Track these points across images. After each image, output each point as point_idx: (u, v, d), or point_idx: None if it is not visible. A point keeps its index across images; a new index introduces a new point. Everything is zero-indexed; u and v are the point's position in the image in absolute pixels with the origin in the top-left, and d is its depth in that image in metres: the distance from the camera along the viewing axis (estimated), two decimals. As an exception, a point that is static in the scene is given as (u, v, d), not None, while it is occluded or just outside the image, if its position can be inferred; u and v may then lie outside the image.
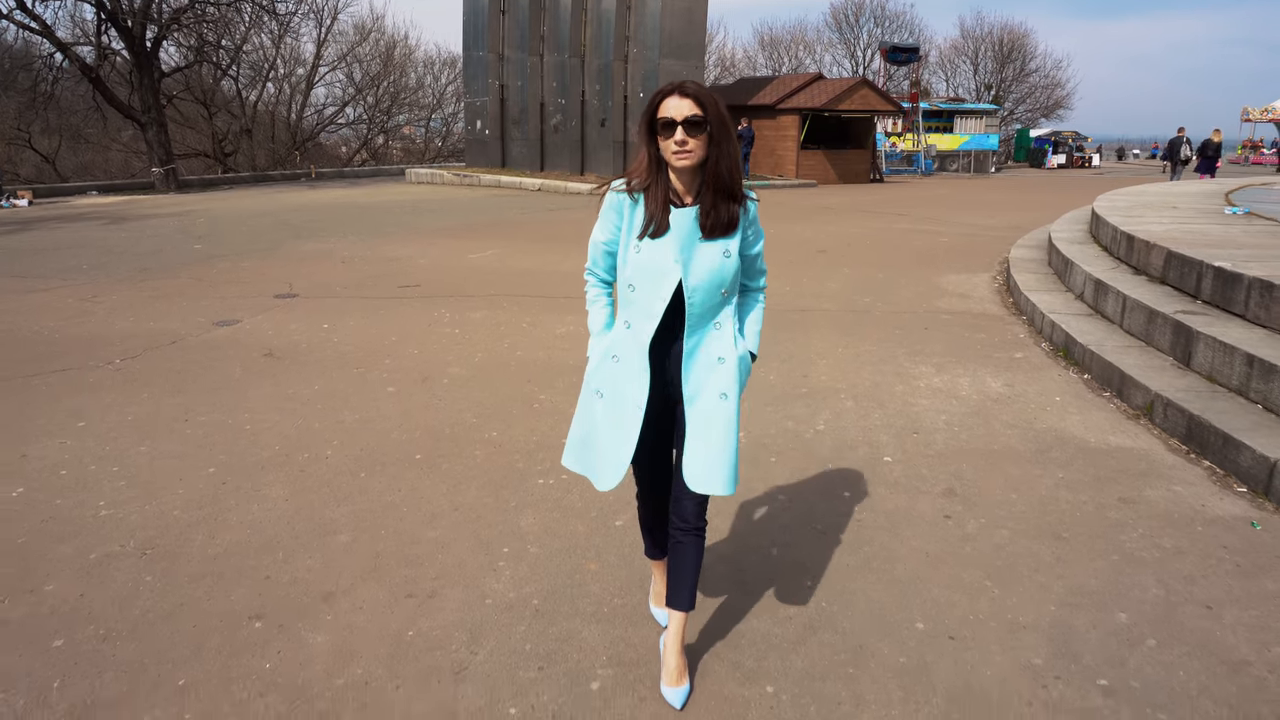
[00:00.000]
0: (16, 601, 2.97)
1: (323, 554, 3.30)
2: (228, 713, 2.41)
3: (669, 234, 2.22)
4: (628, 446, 2.30)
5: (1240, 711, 2.43)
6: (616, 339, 2.35)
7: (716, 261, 2.25)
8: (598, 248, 2.38)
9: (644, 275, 2.25)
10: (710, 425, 2.30)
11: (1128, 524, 3.57)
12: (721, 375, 2.31)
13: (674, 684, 2.47)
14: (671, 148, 2.16)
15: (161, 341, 6.49)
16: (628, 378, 2.31)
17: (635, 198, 2.26)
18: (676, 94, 2.16)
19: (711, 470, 2.29)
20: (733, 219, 2.24)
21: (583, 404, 2.42)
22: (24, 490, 3.87)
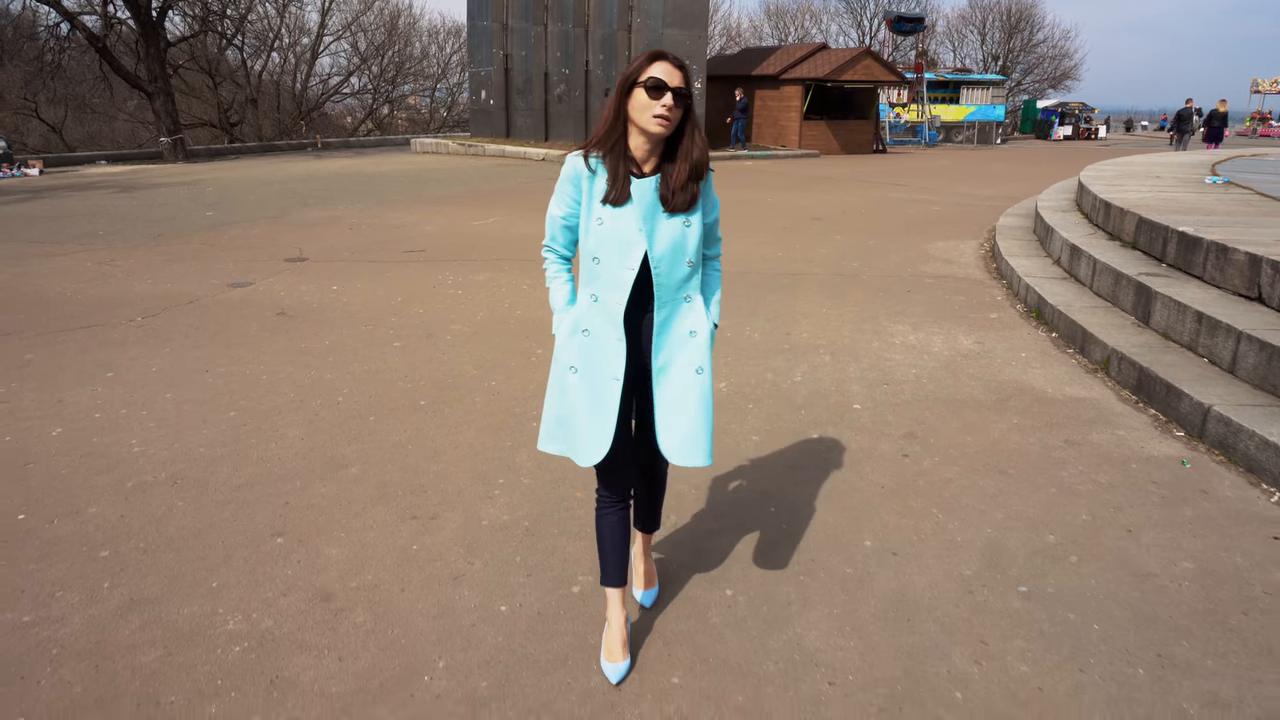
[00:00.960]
0: (65, 521, 3.34)
1: (336, 484, 3.66)
2: (255, 607, 2.78)
3: (630, 204, 2.20)
4: (609, 420, 2.27)
5: (1139, 612, 2.78)
6: (584, 313, 2.31)
7: (678, 231, 2.24)
8: (555, 223, 2.35)
9: (608, 246, 2.22)
10: (687, 399, 2.31)
11: (1069, 462, 3.90)
12: (694, 349, 2.32)
13: (645, 586, 2.79)
14: (656, 109, 2.12)
15: (179, 301, 6.83)
16: (601, 351, 2.28)
17: (593, 167, 2.23)
18: (667, 61, 2.15)
19: (693, 444, 2.31)
20: (693, 197, 2.25)
21: (555, 383, 2.37)
22: (63, 430, 4.23)
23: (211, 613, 2.76)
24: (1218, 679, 2.47)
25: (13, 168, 18.73)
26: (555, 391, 2.37)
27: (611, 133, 2.20)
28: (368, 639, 2.63)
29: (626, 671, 2.46)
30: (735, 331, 5.98)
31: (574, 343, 2.30)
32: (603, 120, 2.22)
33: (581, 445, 2.31)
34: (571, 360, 2.31)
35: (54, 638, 2.63)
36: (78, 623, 2.70)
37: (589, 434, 2.29)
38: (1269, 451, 3.66)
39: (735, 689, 2.42)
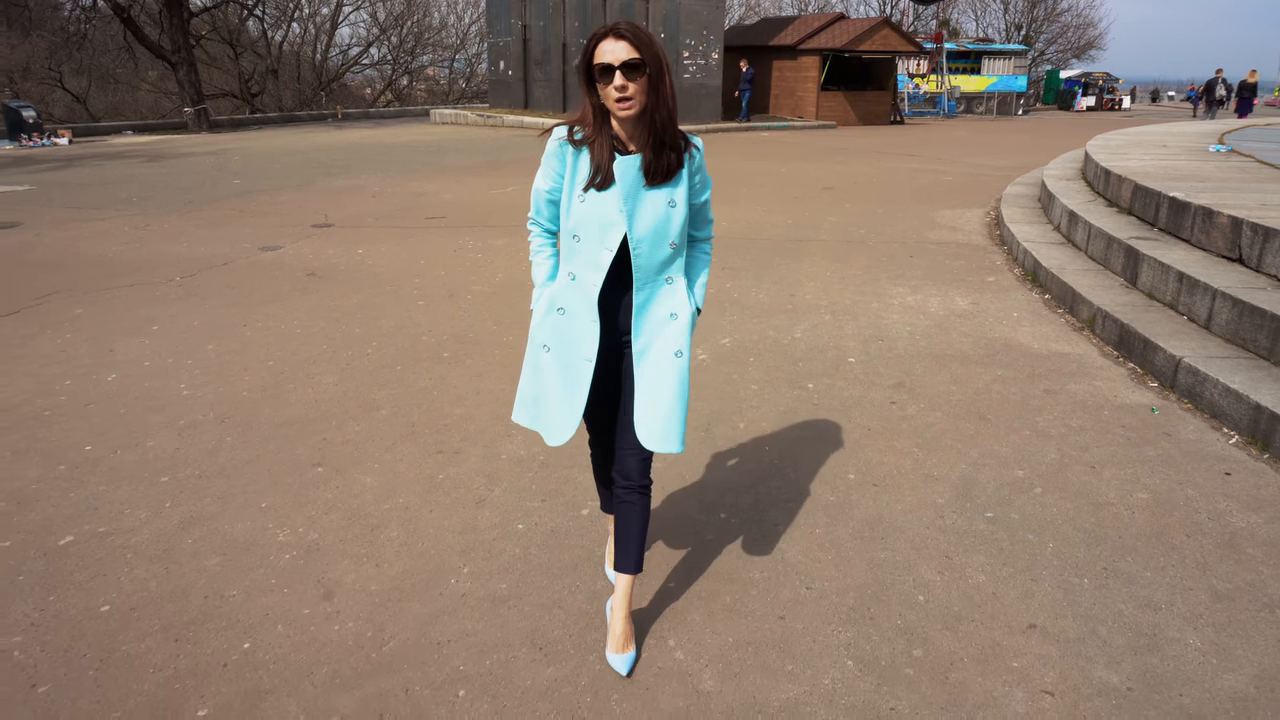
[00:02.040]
0: (127, 452, 3.71)
1: (368, 423, 4.01)
2: (299, 522, 3.14)
3: (614, 185, 2.14)
4: (578, 401, 2.24)
5: (1092, 534, 3.09)
6: (560, 291, 2.26)
7: (661, 211, 2.18)
8: (540, 196, 2.28)
9: (588, 226, 2.17)
10: (662, 383, 2.25)
11: (1046, 409, 4.20)
12: (674, 332, 2.26)
13: (620, 650, 2.39)
14: (613, 95, 2.06)
15: (214, 263, 7.19)
16: (576, 330, 2.24)
17: (578, 143, 2.18)
18: (610, 37, 2.05)
19: (666, 429, 2.25)
20: (671, 166, 2.17)
21: (529, 359, 2.35)
22: (116, 377, 4.60)
23: (262, 528, 3.12)
24: (1153, 587, 2.77)
25: (43, 137, 19.16)
26: (529, 368, 2.35)
27: (592, 121, 2.15)
28: (401, 550, 2.98)
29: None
30: (742, 293, 6.27)
31: (549, 321, 2.27)
32: (583, 114, 2.18)
33: (551, 424, 2.29)
34: (545, 339, 2.28)
35: (127, 545, 3.00)
36: (146, 534, 3.07)
37: (559, 413, 2.27)
38: (1230, 398, 3.94)
39: (724, 591, 2.75)
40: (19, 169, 14.08)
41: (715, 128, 22.53)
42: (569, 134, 2.19)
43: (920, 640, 2.52)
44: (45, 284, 6.49)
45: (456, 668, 2.40)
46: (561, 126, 2.21)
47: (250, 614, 2.63)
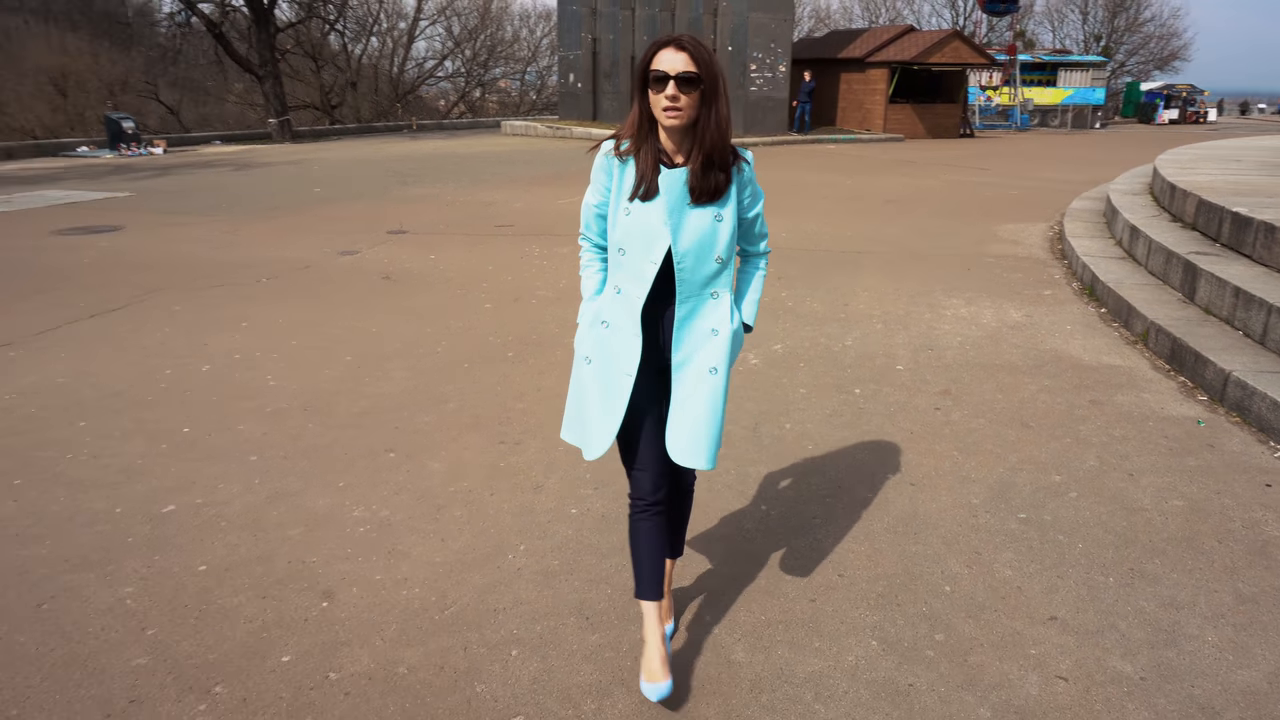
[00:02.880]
0: (220, 435, 4.06)
1: (437, 414, 4.30)
2: (373, 500, 3.43)
3: (659, 196, 2.13)
4: (616, 414, 2.22)
5: (1123, 536, 3.19)
6: (605, 304, 2.27)
7: (708, 226, 2.17)
8: (589, 211, 2.30)
9: (633, 238, 2.17)
10: (694, 399, 2.23)
11: (1090, 419, 4.27)
12: (713, 348, 2.24)
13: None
14: (662, 103, 2.05)
15: (297, 266, 7.64)
16: (618, 344, 2.23)
17: (624, 157, 2.18)
18: (671, 47, 2.05)
19: (694, 444, 2.23)
20: (718, 186, 2.15)
21: (574, 372, 2.34)
22: (210, 368, 5.00)
23: (340, 504, 3.41)
24: (1178, 588, 2.87)
25: (140, 146, 20.25)
26: (573, 381, 2.34)
27: (640, 129, 2.15)
28: (464, 527, 3.24)
29: (668, 692, 2.26)
30: (797, 302, 6.44)
31: (592, 334, 2.27)
32: (629, 122, 2.17)
33: (589, 438, 2.27)
34: (587, 351, 2.28)
35: (221, 515, 3.32)
36: (237, 506, 3.39)
37: (597, 427, 2.25)
38: (1277, 412, 3.97)
39: (760, 575, 2.94)
40: (119, 176, 14.97)
41: (780, 140, 22.63)
42: (615, 146, 2.19)
43: (943, 626, 2.68)
44: (146, 282, 6.99)
45: (510, 631, 2.64)
46: (608, 140, 2.22)
47: (328, 578, 2.91)
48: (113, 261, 7.84)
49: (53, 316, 6.01)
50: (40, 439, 4.01)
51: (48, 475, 3.66)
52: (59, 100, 29.07)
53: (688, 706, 2.34)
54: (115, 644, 2.58)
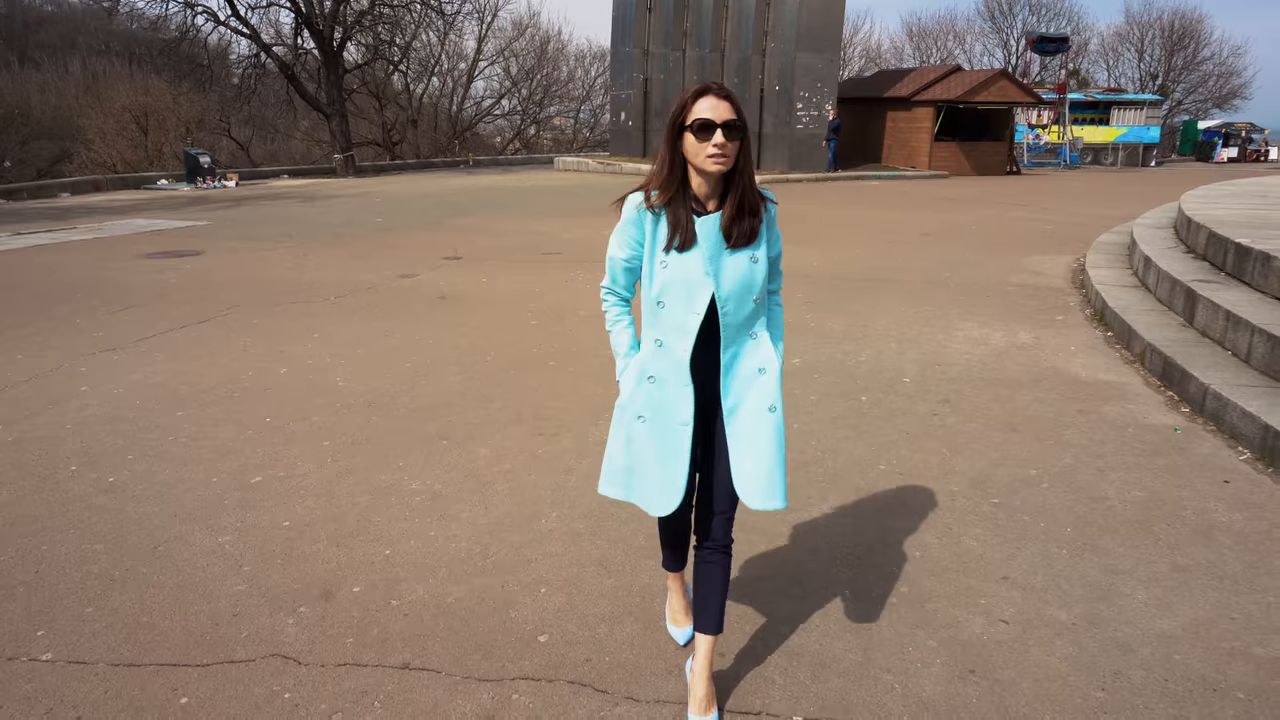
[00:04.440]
0: (297, 424, 4.67)
1: (484, 411, 4.87)
2: (428, 477, 3.98)
3: (696, 245, 2.16)
4: (681, 467, 2.24)
5: (1082, 519, 3.60)
6: (649, 359, 2.28)
7: (745, 268, 2.20)
8: (617, 264, 2.30)
9: (674, 290, 2.19)
10: (760, 440, 2.25)
11: (1074, 425, 4.67)
12: (764, 387, 2.27)
13: (702, 713, 2.37)
14: (708, 151, 2.08)
15: (361, 287, 8.34)
16: (670, 398, 2.25)
17: (656, 208, 2.19)
18: (713, 95, 2.10)
19: (769, 486, 2.25)
20: (753, 229, 2.20)
21: (620, 431, 2.35)
22: (287, 370, 5.64)
23: (400, 480, 3.98)
24: (1122, 559, 3.28)
25: (215, 180, 21.53)
26: (620, 440, 2.34)
27: (671, 178, 2.17)
28: (505, 499, 3.78)
29: (691, 634, 2.56)
30: (819, 322, 6.91)
31: (641, 391, 2.28)
32: (659, 164, 2.19)
33: (652, 495, 2.29)
34: (639, 409, 2.28)
35: (300, 485, 3.91)
36: (313, 479, 3.98)
37: (660, 483, 2.27)
38: (1246, 420, 4.33)
39: (757, 541, 3.42)
40: (197, 207, 16.05)
41: (825, 177, 23.14)
42: (646, 198, 2.20)
43: (908, 581, 3.13)
44: (227, 300, 7.73)
45: (541, 575, 3.16)
46: (636, 193, 2.23)
47: (390, 533, 3.47)
48: (197, 281, 8.63)
49: (149, 327, 6.75)
50: (146, 424, 4.67)
51: (154, 453, 4.29)
52: (140, 137, 30.86)
53: (670, 640, 2.82)
54: (218, 576, 3.16)
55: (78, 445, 4.38)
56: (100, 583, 3.10)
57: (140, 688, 2.54)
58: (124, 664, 2.65)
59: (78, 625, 2.85)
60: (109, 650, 2.72)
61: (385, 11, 28.10)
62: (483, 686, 2.55)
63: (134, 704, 2.47)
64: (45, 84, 40.18)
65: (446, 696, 2.51)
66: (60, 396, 5.11)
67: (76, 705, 2.47)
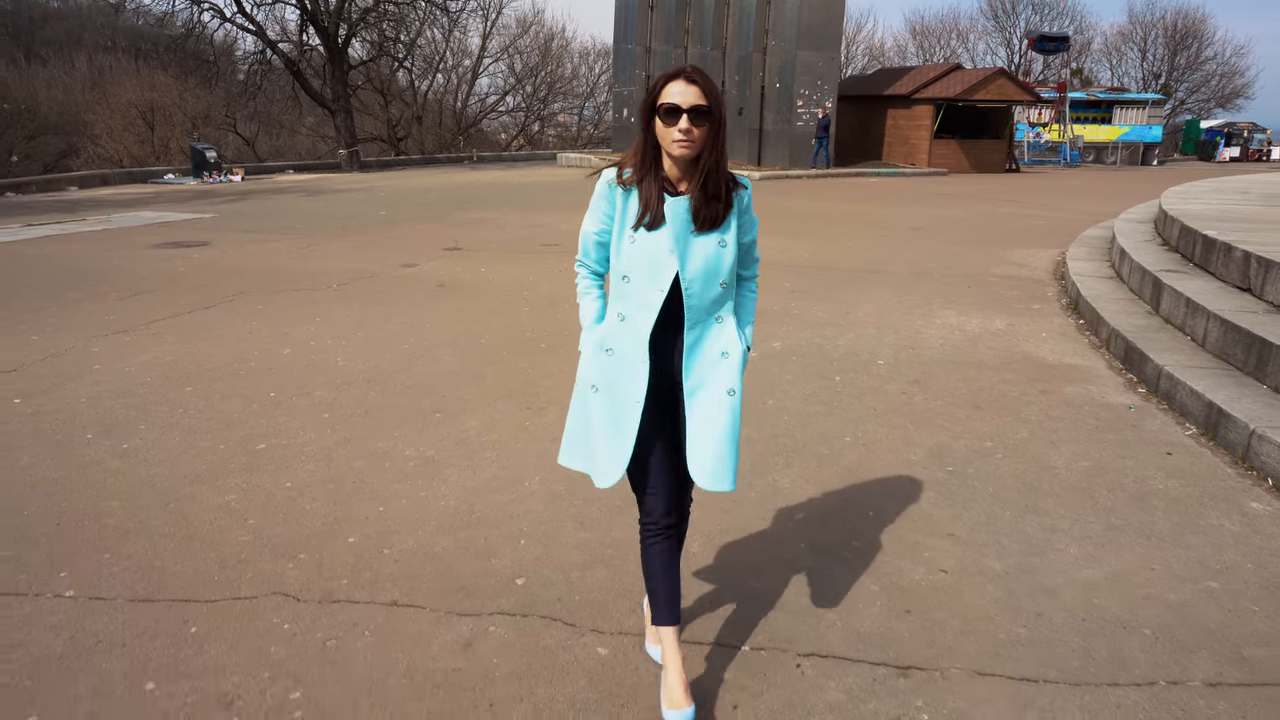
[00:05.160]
0: (299, 399, 4.95)
1: (476, 388, 5.14)
2: (421, 445, 4.26)
3: (664, 225, 2.18)
4: (627, 441, 2.24)
5: (1029, 484, 3.86)
6: (609, 332, 2.29)
7: (713, 252, 2.22)
8: (589, 238, 2.32)
9: (639, 266, 2.21)
10: (716, 422, 2.26)
11: (1035, 403, 4.93)
12: (725, 370, 2.28)
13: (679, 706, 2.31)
14: (674, 135, 2.11)
15: (363, 276, 8.62)
16: (625, 372, 2.25)
17: (627, 184, 2.22)
18: (682, 79, 2.11)
19: (718, 466, 2.25)
20: (719, 215, 2.21)
21: (577, 400, 2.36)
22: (290, 351, 5.92)
23: (394, 447, 4.25)
24: (1060, 519, 3.54)
25: (221, 174, 21.83)
26: (577, 409, 2.36)
27: (644, 158, 2.20)
28: (491, 464, 4.05)
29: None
30: (803, 310, 7.17)
31: (597, 361, 2.29)
32: (636, 143, 2.22)
33: (600, 466, 2.29)
34: (593, 379, 2.29)
35: (301, 452, 4.19)
36: (314, 447, 4.25)
37: (607, 455, 2.27)
38: (1193, 398, 4.59)
39: (724, 505, 3.68)
40: (204, 201, 16.34)
41: (823, 173, 23.37)
42: (618, 175, 2.23)
43: (860, 537, 3.39)
44: (233, 287, 8.02)
45: (521, 529, 3.43)
46: (610, 168, 2.26)
47: (384, 493, 3.74)
48: (204, 270, 8.91)
49: (158, 311, 7.04)
50: (157, 398, 4.95)
51: (165, 423, 4.57)
52: (146, 133, 31.19)
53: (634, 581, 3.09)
54: (224, 528, 3.43)
55: (93, 417, 4.66)
56: (116, 534, 3.38)
57: (154, 619, 2.82)
58: (139, 599, 2.93)
59: (96, 568, 3.12)
60: (125, 588, 2.99)
61: (390, 8, 28.39)
62: (463, 620, 2.82)
63: (148, 632, 2.75)
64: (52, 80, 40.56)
65: (430, 628, 2.78)
66: (75, 374, 5.40)
67: (96, 634, 2.74)
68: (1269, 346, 4.61)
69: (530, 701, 2.44)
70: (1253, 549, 3.31)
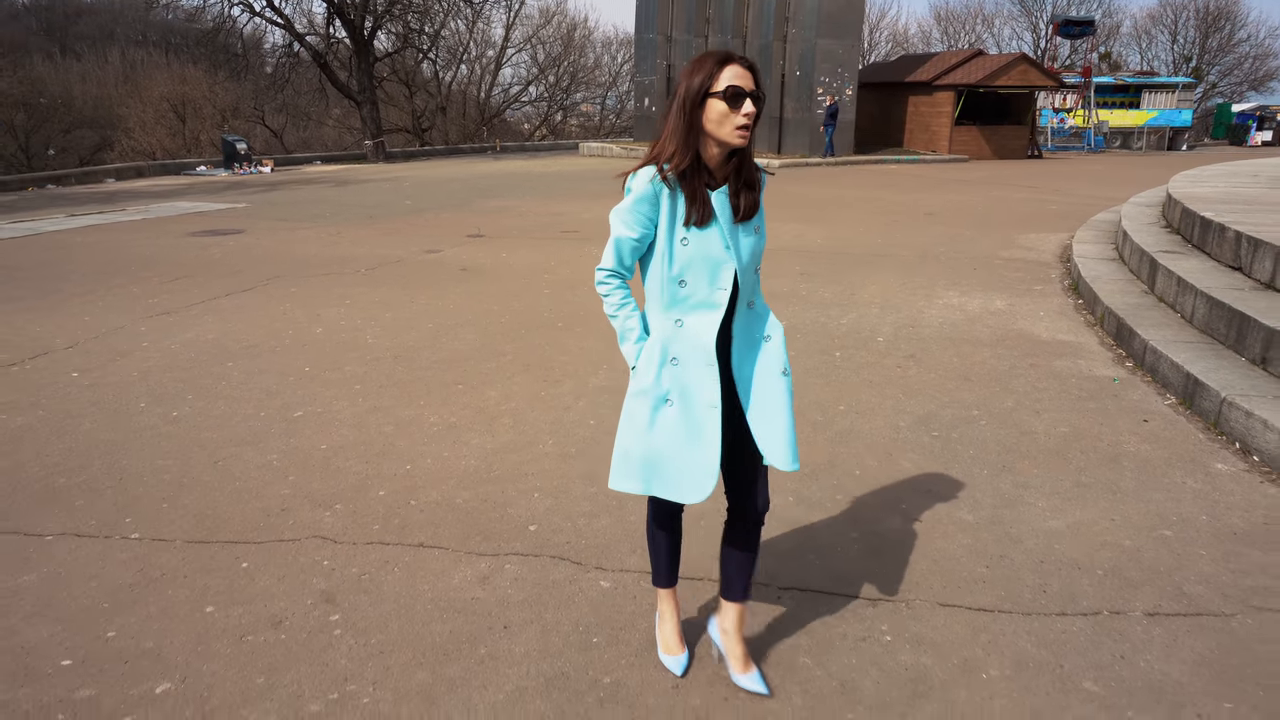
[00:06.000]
0: (332, 373, 5.32)
1: (496, 363, 5.48)
2: (445, 413, 4.61)
3: (715, 221, 2.12)
4: (713, 451, 2.17)
5: (1008, 447, 4.14)
6: (668, 340, 2.20)
7: (753, 241, 2.19)
8: (626, 245, 2.18)
9: (696, 267, 2.14)
10: (778, 405, 2.25)
11: (1023, 375, 5.19)
12: (772, 352, 2.29)
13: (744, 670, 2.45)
14: (738, 121, 2.04)
15: (390, 261, 9.00)
16: (693, 378, 2.18)
17: (673, 185, 2.11)
18: (738, 64, 2.05)
19: (792, 449, 2.26)
20: (757, 203, 2.18)
21: (638, 417, 2.23)
22: (323, 330, 6.30)
23: (420, 414, 4.60)
24: (1033, 477, 3.82)
25: (251, 166, 22.37)
26: (639, 427, 2.23)
27: (686, 149, 2.10)
28: (509, 429, 4.39)
29: (687, 664, 2.50)
30: (810, 291, 7.45)
31: (667, 373, 2.20)
32: (670, 134, 2.11)
33: (681, 482, 2.20)
34: (665, 392, 2.19)
35: (335, 419, 4.55)
36: (346, 414, 4.62)
37: (693, 467, 2.19)
38: (1174, 370, 4.83)
39: (721, 462, 3.99)
40: (235, 191, 16.84)
41: (842, 160, 23.52)
42: (660, 173, 2.11)
43: (844, 492, 3.70)
44: (267, 272, 8.42)
45: (535, 485, 3.76)
46: (645, 168, 2.14)
47: (411, 453, 4.09)
48: (239, 256, 9.34)
49: (198, 294, 7.45)
50: (201, 372, 5.34)
51: (210, 394, 4.96)
52: (178, 125, 31.86)
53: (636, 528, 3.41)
54: (268, 482, 3.80)
55: (144, 388, 5.05)
56: (172, 488, 3.76)
57: (210, 557, 3.18)
58: (196, 541, 3.30)
59: (157, 515, 3.50)
60: (183, 532, 3.36)
61: (415, 1, 28.78)
62: (481, 559, 3.16)
63: (205, 567, 3.11)
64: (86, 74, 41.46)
65: (452, 565, 3.12)
66: (125, 350, 5.80)
67: (161, 568, 3.11)
68: (1248, 320, 4.84)
69: (540, 624, 2.78)
70: (1210, 503, 3.58)
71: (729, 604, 2.49)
